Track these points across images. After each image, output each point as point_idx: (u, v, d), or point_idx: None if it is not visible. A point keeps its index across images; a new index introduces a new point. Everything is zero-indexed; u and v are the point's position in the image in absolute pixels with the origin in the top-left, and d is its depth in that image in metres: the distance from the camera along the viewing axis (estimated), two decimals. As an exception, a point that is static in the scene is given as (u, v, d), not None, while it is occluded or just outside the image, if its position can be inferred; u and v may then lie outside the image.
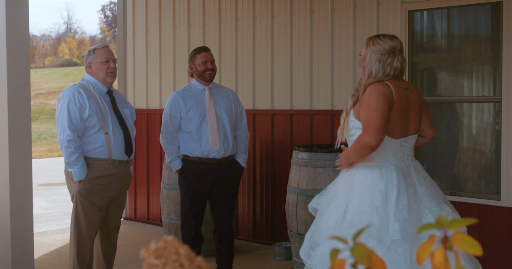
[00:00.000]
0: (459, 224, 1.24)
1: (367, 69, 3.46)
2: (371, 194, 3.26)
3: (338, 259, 1.31)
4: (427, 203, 3.30)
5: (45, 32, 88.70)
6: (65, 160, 4.34)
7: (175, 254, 1.23)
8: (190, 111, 5.06)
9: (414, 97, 3.51)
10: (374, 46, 3.46)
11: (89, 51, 4.59)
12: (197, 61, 5.12)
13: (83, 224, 4.45)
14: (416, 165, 3.49)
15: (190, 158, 5.06)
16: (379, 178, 3.30)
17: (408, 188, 3.29)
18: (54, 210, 8.82)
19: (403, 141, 3.44)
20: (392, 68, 3.42)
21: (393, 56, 3.43)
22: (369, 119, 3.29)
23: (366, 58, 3.48)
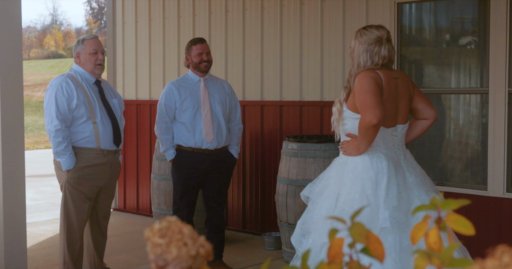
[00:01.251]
0: (452, 205, 1.29)
1: (356, 60, 3.52)
2: (361, 182, 3.31)
3: (336, 238, 1.35)
4: (416, 192, 3.35)
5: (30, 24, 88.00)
6: (54, 150, 4.37)
7: (179, 233, 1.26)
8: (184, 102, 5.09)
9: (403, 87, 3.55)
10: (361, 37, 3.53)
11: (78, 40, 4.60)
12: (193, 53, 5.14)
13: (72, 213, 4.47)
14: (406, 154, 3.54)
15: (183, 148, 5.10)
16: (369, 167, 3.34)
17: (398, 176, 3.34)
18: (43, 201, 8.82)
19: (393, 131, 3.49)
20: (380, 57, 3.47)
21: (379, 45, 3.47)
22: (364, 100, 3.33)
23: (355, 50, 3.54)
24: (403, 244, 3.19)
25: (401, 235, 3.18)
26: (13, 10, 4.04)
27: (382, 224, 3.20)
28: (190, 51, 5.16)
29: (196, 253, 1.24)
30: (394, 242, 3.19)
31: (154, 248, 1.24)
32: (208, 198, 5.21)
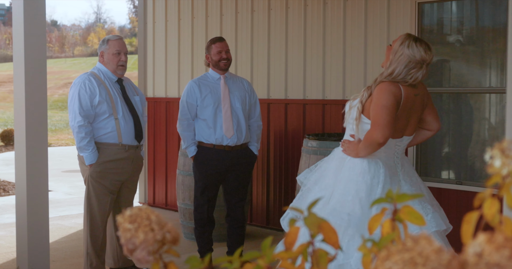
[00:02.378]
0: (406, 198, 1.38)
1: (392, 67, 3.47)
2: (356, 185, 3.36)
3: (293, 227, 1.45)
4: (410, 202, 3.33)
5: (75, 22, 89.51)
6: (77, 145, 4.55)
7: (147, 219, 1.37)
8: (205, 99, 5.21)
9: (420, 102, 3.56)
10: (408, 48, 3.46)
11: (103, 40, 4.77)
12: (213, 51, 5.26)
13: (95, 206, 4.65)
14: (404, 163, 3.58)
15: (204, 145, 5.22)
16: (366, 171, 3.39)
17: (392, 185, 3.39)
18: (76, 196, 9.07)
19: (397, 141, 3.53)
20: (413, 78, 3.45)
21: (419, 68, 3.45)
22: (377, 116, 3.36)
23: (396, 54, 3.48)
24: None
25: None
26: (38, 7, 4.20)
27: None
28: (210, 49, 5.28)
29: (163, 238, 1.35)
30: None
31: (125, 232, 1.36)
32: (229, 193, 5.34)
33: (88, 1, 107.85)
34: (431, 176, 5.63)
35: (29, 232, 4.27)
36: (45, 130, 4.31)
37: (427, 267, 0.98)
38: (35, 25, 4.18)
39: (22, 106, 4.21)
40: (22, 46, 4.17)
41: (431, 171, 5.66)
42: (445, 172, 5.64)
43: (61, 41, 66.32)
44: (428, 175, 5.63)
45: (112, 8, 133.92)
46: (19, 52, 4.21)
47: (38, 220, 4.32)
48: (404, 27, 5.60)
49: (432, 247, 0.99)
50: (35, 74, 4.23)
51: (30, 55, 4.19)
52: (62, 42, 66.26)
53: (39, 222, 4.32)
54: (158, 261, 1.37)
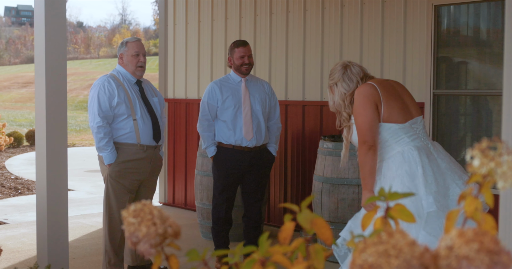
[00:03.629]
0: (397, 196, 1.45)
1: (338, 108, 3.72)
2: (399, 178, 3.42)
3: (289, 222, 1.52)
4: (451, 176, 3.43)
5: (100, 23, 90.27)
6: (96, 145, 4.67)
7: (149, 214, 1.46)
8: (226, 101, 5.29)
9: (398, 84, 3.73)
10: (338, 87, 3.71)
11: (122, 42, 4.88)
12: (235, 55, 5.33)
13: (113, 205, 4.76)
14: (435, 144, 3.64)
15: (224, 145, 5.30)
16: (402, 162, 3.46)
17: (431, 163, 3.44)
18: (98, 195, 9.22)
19: (412, 123, 3.59)
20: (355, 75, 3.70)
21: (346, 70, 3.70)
22: (358, 126, 3.55)
23: (335, 104, 3.73)
24: None
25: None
26: (59, 9, 4.31)
27: (429, 209, 3.29)
28: (232, 53, 5.35)
29: (164, 232, 1.43)
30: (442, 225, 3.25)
31: (129, 226, 1.44)
32: (246, 194, 5.42)
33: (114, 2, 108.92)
34: (447, 178, 5.65)
35: (49, 230, 4.38)
36: (64, 130, 4.42)
37: (400, 259, 1.04)
38: (56, 27, 4.29)
39: (42, 107, 4.33)
40: (43, 48, 4.29)
41: (447, 173, 5.68)
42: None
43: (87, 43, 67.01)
44: (443, 177, 5.66)
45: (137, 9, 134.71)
46: (40, 53, 4.33)
47: (58, 219, 4.43)
48: (421, 29, 5.64)
49: (406, 240, 1.06)
50: (55, 75, 4.34)
51: (51, 56, 4.31)
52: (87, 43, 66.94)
53: (58, 221, 4.44)
54: (160, 254, 1.44)
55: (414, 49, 5.73)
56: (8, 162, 13.12)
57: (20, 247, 5.94)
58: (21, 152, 14.89)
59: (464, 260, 1.04)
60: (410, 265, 1.04)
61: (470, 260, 1.04)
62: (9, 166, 12.42)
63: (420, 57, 5.67)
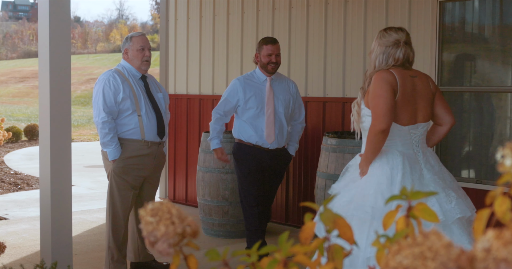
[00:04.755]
0: (420, 195, 1.42)
1: (373, 61, 3.63)
2: (377, 178, 3.42)
3: (309, 222, 1.49)
4: (433, 188, 3.40)
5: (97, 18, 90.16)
6: (101, 141, 4.63)
7: (168, 213, 1.43)
8: (249, 101, 5.17)
9: (423, 85, 3.61)
10: (380, 39, 3.62)
11: (126, 38, 4.85)
12: (263, 52, 5.18)
13: (117, 201, 4.72)
14: (426, 152, 3.59)
15: (244, 143, 5.22)
16: (385, 163, 3.45)
17: (413, 173, 3.43)
18: (98, 190, 9.19)
19: (411, 128, 3.55)
20: (394, 59, 3.56)
21: (396, 48, 3.56)
22: (375, 106, 3.46)
23: (373, 51, 3.64)
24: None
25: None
26: (63, 7, 4.28)
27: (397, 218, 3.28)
28: (260, 50, 5.21)
29: (183, 231, 1.40)
30: None
31: (147, 225, 1.41)
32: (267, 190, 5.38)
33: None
34: (451, 175, 5.63)
35: (53, 225, 4.35)
36: (68, 125, 4.38)
37: (436, 262, 1.01)
38: (60, 21, 4.25)
39: (46, 102, 4.29)
40: (47, 42, 4.25)
41: (451, 170, 5.66)
42: (465, 171, 5.64)
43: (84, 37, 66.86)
44: (447, 174, 5.64)
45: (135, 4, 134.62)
46: (44, 48, 4.29)
47: (62, 214, 4.40)
48: (426, 25, 5.61)
49: (442, 242, 1.03)
50: (59, 70, 4.31)
51: (55, 51, 4.27)
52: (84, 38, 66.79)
53: (62, 216, 4.41)
54: (179, 254, 1.42)
55: (418, 45, 5.69)
56: (7, 157, 13.07)
57: (21, 243, 5.91)
58: (20, 147, 14.85)
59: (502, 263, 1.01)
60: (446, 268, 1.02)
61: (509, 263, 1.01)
62: (8, 161, 12.37)
63: (425, 54, 5.64)
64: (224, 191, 6.16)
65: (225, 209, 6.17)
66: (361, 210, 3.34)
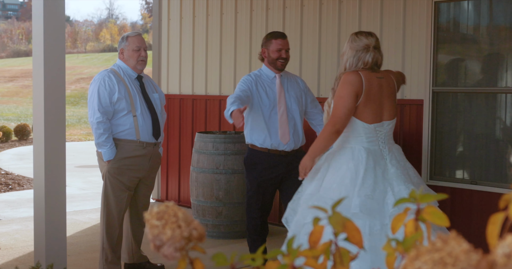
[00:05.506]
0: (430, 198, 1.40)
1: (344, 63, 3.85)
2: (342, 172, 3.67)
3: (318, 225, 1.47)
4: (395, 183, 3.65)
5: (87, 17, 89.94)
6: (95, 141, 4.60)
7: (174, 216, 1.40)
8: (261, 99, 4.79)
9: (388, 85, 3.85)
10: (352, 43, 3.84)
11: (122, 37, 4.81)
12: (272, 47, 4.81)
13: (112, 202, 4.69)
14: (392, 148, 3.82)
15: (258, 149, 4.81)
16: (350, 158, 3.69)
17: (376, 168, 3.66)
18: (90, 191, 9.14)
19: (377, 126, 3.77)
20: (363, 63, 3.79)
21: (366, 52, 3.79)
22: (335, 107, 3.74)
23: (345, 54, 3.87)
24: (373, 229, 3.51)
25: (372, 221, 3.50)
26: (57, 6, 4.24)
27: (353, 210, 3.53)
28: (268, 44, 4.82)
29: (189, 235, 1.37)
30: (364, 227, 3.49)
31: (152, 229, 1.39)
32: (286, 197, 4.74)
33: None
34: (445, 176, 5.63)
35: (47, 226, 4.32)
36: (63, 125, 4.35)
37: (457, 267, 0.99)
38: (54, 20, 4.21)
39: (41, 101, 4.26)
40: (41, 42, 4.21)
41: (445, 170, 5.66)
42: (460, 172, 5.64)
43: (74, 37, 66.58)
44: (442, 175, 5.63)
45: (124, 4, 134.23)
46: (38, 47, 4.26)
47: (56, 215, 4.37)
48: (421, 26, 5.60)
49: (462, 247, 1.01)
50: (53, 70, 4.27)
51: (49, 50, 4.23)
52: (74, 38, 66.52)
53: (56, 217, 4.37)
54: (185, 258, 1.39)
55: (413, 45, 5.69)
56: (-4, 157, 12.98)
57: (13, 244, 5.85)
58: (10, 147, 14.75)
59: (524, 269, 1.00)
60: (467, 274, 1.00)
61: (530, 269, 1.00)
62: (-2, 161, 12.29)
63: (420, 54, 5.64)
64: (218, 191, 6.13)
65: (218, 210, 6.15)
66: (322, 202, 3.56)
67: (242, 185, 6.11)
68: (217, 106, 7.31)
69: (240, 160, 6.10)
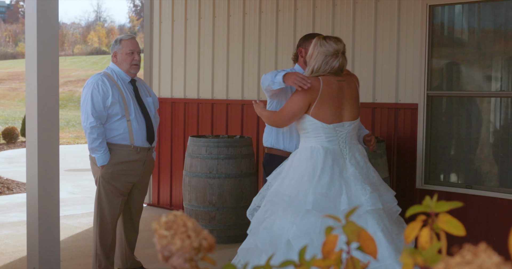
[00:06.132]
0: (445, 207, 1.37)
1: (311, 66, 3.93)
2: (302, 170, 3.78)
3: (331, 235, 1.43)
4: (352, 182, 3.75)
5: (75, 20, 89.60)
6: (89, 146, 4.53)
7: (183, 226, 1.36)
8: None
9: (349, 87, 3.97)
10: (320, 47, 3.91)
11: (115, 40, 4.75)
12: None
13: (105, 207, 4.63)
14: (353, 148, 3.92)
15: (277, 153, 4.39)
16: (309, 157, 3.81)
17: (334, 167, 3.77)
18: (80, 195, 9.06)
19: (337, 126, 3.87)
20: (330, 67, 3.90)
21: (335, 57, 3.89)
22: (285, 106, 3.93)
23: (312, 56, 3.94)
24: (323, 228, 3.56)
25: (324, 219, 3.58)
26: (51, 7, 4.18)
27: (306, 207, 3.63)
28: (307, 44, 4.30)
29: (199, 245, 1.33)
30: (315, 224, 3.59)
31: (161, 239, 1.34)
32: None
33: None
34: (440, 180, 5.62)
35: (40, 231, 4.26)
36: (56, 128, 4.29)
37: (489, 281, 0.96)
38: (48, 24, 4.15)
39: (34, 104, 4.19)
40: (35, 43, 4.15)
41: (440, 175, 5.65)
42: (454, 176, 5.62)
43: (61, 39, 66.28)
44: (437, 179, 5.62)
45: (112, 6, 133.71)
46: (31, 50, 4.19)
47: (49, 219, 4.31)
48: (415, 29, 5.59)
49: (493, 260, 0.98)
50: (47, 73, 4.21)
51: (43, 52, 4.17)
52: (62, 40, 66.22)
53: (50, 221, 4.31)
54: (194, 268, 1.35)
55: (407, 49, 5.68)
56: (-16, 160, 12.86)
57: (4, 249, 5.77)
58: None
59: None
60: (498, 288, 0.96)
61: None
62: (-14, 165, 12.16)
63: (414, 58, 5.63)
64: (211, 196, 6.08)
65: (212, 215, 6.10)
66: (280, 198, 3.71)
67: (235, 190, 6.06)
68: (209, 110, 7.27)
69: (233, 164, 6.06)
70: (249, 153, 6.23)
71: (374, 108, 5.88)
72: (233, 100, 7.03)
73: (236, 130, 7.01)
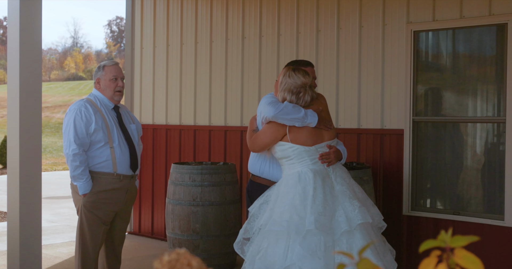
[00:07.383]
0: (461, 241, 1.30)
1: (282, 95, 4.01)
2: (292, 195, 3.79)
3: (344, 271, 1.36)
4: (341, 199, 3.81)
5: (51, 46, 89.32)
6: (71, 174, 4.41)
7: (188, 266, 1.27)
8: None
9: (325, 109, 4.08)
10: (289, 78, 4.00)
11: (99, 67, 4.66)
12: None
13: (87, 237, 4.49)
14: (336, 168, 3.98)
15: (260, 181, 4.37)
16: (297, 182, 3.83)
17: (325, 186, 3.82)
18: (59, 223, 8.86)
19: (318, 147, 3.94)
20: (304, 101, 3.98)
21: (304, 91, 3.98)
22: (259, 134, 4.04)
23: (281, 85, 4.02)
24: (327, 244, 3.66)
25: (326, 237, 3.66)
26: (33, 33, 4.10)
27: (308, 227, 3.65)
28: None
29: (207, 286, 1.25)
30: (319, 242, 3.66)
31: (164, 280, 1.25)
32: None
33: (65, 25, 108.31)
34: (427, 206, 5.57)
35: (21, 261, 4.12)
36: (39, 157, 4.19)
37: None
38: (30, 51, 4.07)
39: (16, 132, 4.09)
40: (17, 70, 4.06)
41: (427, 201, 5.60)
42: (441, 202, 5.58)
43: (38, 65, 65.88)
44: (424, 205, 5.57)
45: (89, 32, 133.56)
46: (14, 74, 4.10)
47: (31, 249, 4.18)
48: (400, 54, 5.58)
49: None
50: (29, 99, 4.11)
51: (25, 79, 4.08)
52: (38, 66, 65.79)
53: (31, 251, 4.18)
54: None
55: (392, 75, 5.67)
56: (-41, 188, 12.58)
57: (-20, 282, 5.59)
58: (-27, 178, 14.34)
59: None
60: None
61: None
62: (-39, 193, 11.90)
63: (399, 83, 5.61)
64: (195, 224, 5.97)
65: (196, 243, 5.98)
66: (278, 225, 3.71)
67: (220, 218, 5.96)
68: (191, 136, 7.18)
69: (217, 191, 5.96)
70: (233, 180, 6.14)
71: (360, 134, 5.84)
72: (216, 126, 6.96)
73: (219, 156, 6.92)
